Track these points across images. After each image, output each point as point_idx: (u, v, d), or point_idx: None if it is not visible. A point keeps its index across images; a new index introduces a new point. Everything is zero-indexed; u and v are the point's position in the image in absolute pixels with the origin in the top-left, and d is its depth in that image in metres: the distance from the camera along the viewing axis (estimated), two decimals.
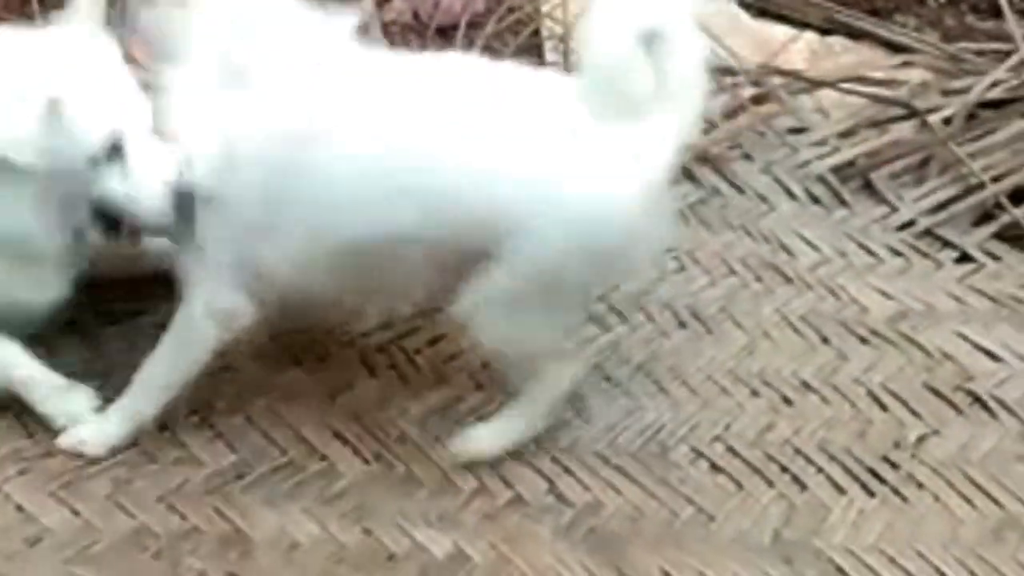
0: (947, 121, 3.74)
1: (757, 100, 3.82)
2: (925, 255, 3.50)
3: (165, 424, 2.97)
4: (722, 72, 3.85)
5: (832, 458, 3.00)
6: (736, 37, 3.95)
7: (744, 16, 4.14)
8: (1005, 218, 3.57)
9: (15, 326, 2.86)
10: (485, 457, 2.90)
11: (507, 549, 2.80)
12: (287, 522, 2.83)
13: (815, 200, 3.60)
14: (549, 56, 3.88)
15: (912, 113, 3.80)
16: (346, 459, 2.93)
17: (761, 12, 4.15)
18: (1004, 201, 3.58)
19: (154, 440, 2.91)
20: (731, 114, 3.74)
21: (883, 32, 4.07)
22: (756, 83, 3.82)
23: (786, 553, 2.84)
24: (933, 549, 2.86)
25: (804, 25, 4.13)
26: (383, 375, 3.05)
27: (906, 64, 3.95)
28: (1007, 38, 3.94)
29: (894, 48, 4.06)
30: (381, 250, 2.74)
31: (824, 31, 4.13)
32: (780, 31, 4.10)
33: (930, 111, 3.81)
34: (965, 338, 3.24)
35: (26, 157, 2.69)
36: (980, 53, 3.95)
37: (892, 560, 2.83)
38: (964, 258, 3.51)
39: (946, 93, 3.83)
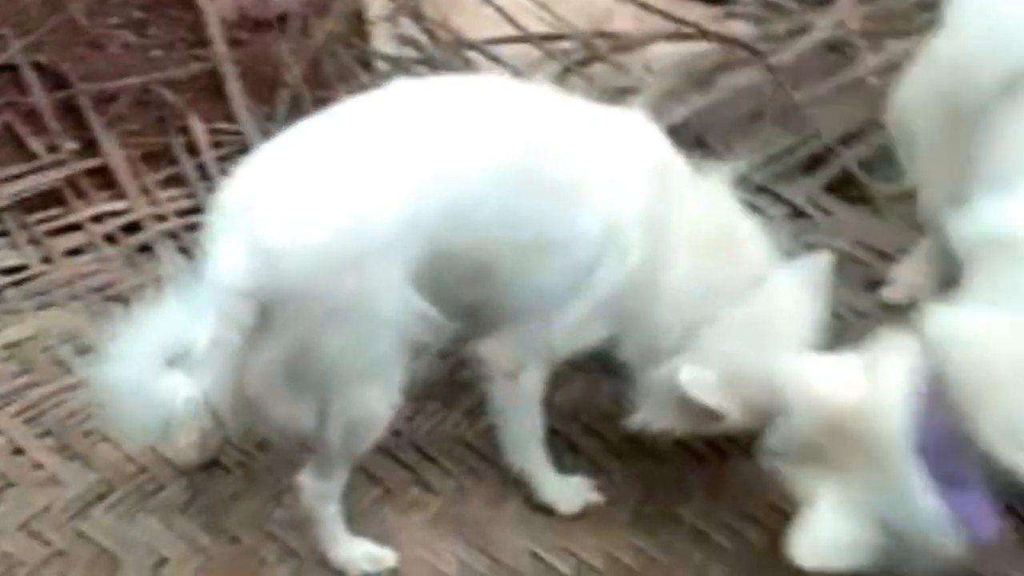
0: (770, 69, 3.77)
1: (586, 65, 3.83)
2: (759, 211, 3.39)
3: (21, 448, 2.99)
4: (551, 39, 3.92)
5: None
6: (563, 5, 3.96)
7: None
8: (836, 167, 3.62)
9: None
10: None
11: (380, 545, 2.83)
12: (152, 538, 2.85)
13: None
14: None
15: (746, 61, 3.81)
16: (206, 470, 2.94)
17: None
18: (837, 148, 3.62)
19: (12, 465, 2.92)
20: (562, 80, 3.74)
21: None
22: (586, 47, 3.84)
23: (649, 525, 2.92)
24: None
25: None
26: None
27: (729, 16, 3.98)
28: None
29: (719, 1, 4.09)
30: None
31: None
32: None
33: (763, 56, 3.83)
34: None
35: None
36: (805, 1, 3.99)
37: (753, 520, 2.91)
38: (797, 213, 3.56)
39: (774, 40, 3.85)
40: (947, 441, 2.47)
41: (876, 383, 2.51)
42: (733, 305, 2.78)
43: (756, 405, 2.72)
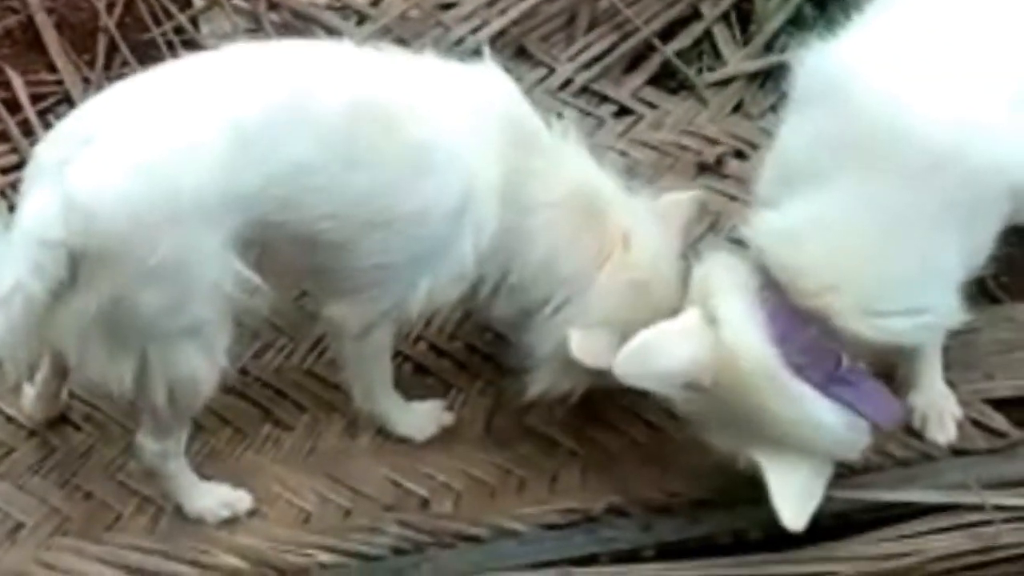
0: None
1: None
2: (587, 113, 3.55)
3: None
4: None
5: None
6: None
7: None
8: (656, 61, 3.64)
9: None
10: None
11: (236, 486, 2.84)
12: (6, 503, 2.82)
13: None
14: None
15: None
16: (55, 427, 2.92)
17: None
18: (656, 41, 3.64)
19: None
20: (377, 2, 3.72)
21: None
22: None
23: (501, 438, 2.95)
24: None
25: None
26: None
27: None
28: None
29: None
30: None
31: None
32: None
33: None
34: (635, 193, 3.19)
35: None
36: None
37: (604, 423, 2.94)
38: (623, 111, 3.58)
39: None
40: (814, 345, 2.51)
41: (723, 329, 2.52)
42: (602, 264, 2.75)
43: None
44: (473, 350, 3.08)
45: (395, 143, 2.62)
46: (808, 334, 2.49)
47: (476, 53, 3.48)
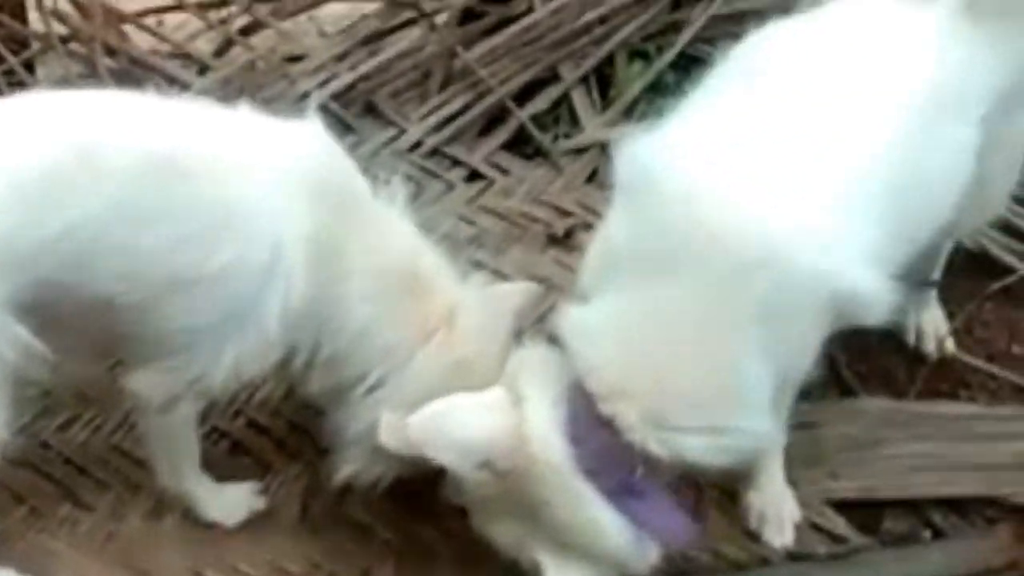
0: (433, 28, 3.64)
1: (249, 33, 3.68)
2: (436, 176, 3.41)
3: None
4: (210, 7, 3.73)
5: None
6: None
7: None
8: (512, 125, 3.49)
9: None
10: None
11: (24, 571, 2.60)
12: None
13: None
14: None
15: (414, 19, 3.69)
16: None
17: None
18: (511, 105, 3.51)
19: None
20: (221, 52, 3.61)
21: None
22: (247, 13, 3.66)
23: (314, 526, 2.75)
24: None
25: None
26: None
27: None
28: None
29: None
30: None
31: None
32: None
33: (432, 13, 3.71)
34: (480, 265, 3.07)
35: None
36: None
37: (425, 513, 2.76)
38: (474, 175, 3.43)
39: None
40: (608, 451, 2.35)
41: (523, 415, 2.36)
42: (423, 342, 2.58)
43: None
44: (294, 428, 2.88)
45: (192, 199, 2.44)
46: (601, 439, 2.32)
47: (323, 109, 3.44)
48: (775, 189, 2.30)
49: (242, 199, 2.46)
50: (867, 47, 2.51)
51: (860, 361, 2.95)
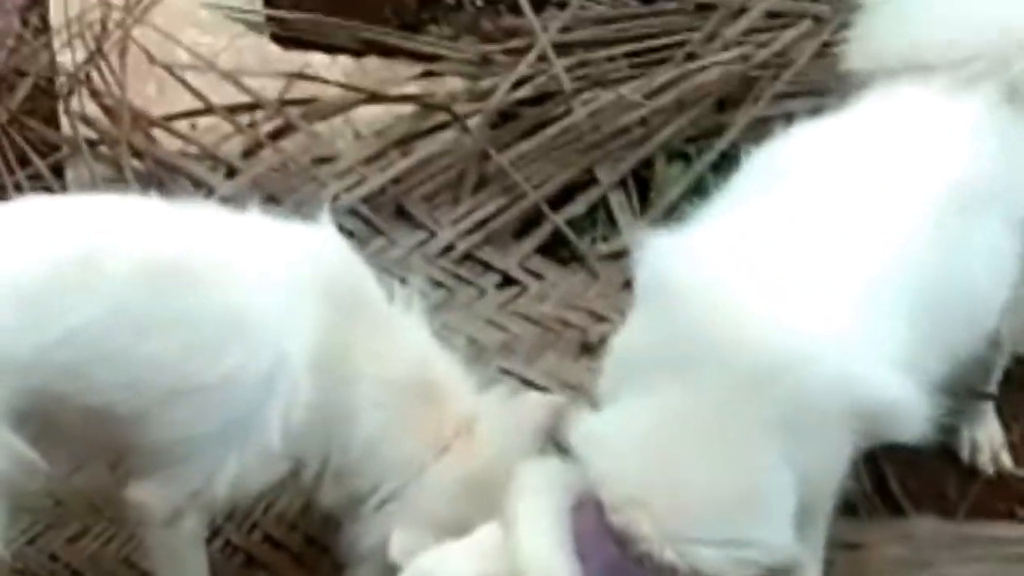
0: (466, 129, 3.51)
1: (279, 136, 3.57)
2: (467, 282, 3.29)
3: None
4: (239, 110, 3.62)
5: None
6: (264, 71, 3.71)
7: (274, 49, 3.87)
8: (547, 228, 3.37)
9: None
10: None
11: None
12: None
13: (350, 234, 3.12)
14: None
15: (447, 122, 3.57)
16: None
17: (293, 42, 3.88)
18: (546, 208, 3.38)
19: None
20: (250, 153, 3.50)
21: (414, 45, 3.82)
22: (277, 116, 3.54)
23: None
24: None
25: (339, 50, 3.86)
26: None
27: (431, 73, 3.72)
28: (530, 32, 3.71)
29: (428, 60, 3.82)
30: None
31: (358, 53, 3.87)
32: (316, 60, 3.83)
33: (466, 116, 3.59)
34: (509, 373, 2.97)
35: None
36: (509, 52, 3.70)
37: None
38: (507, 280, 3.31)
39: (477, 97, 3.60)
40: (619, 564, 2.21)
41: (519, 542, 2.22)
42: (438, 455, 2.48)
43: None
44: (311, 542, 2.75)
45: (195, 306, 2.37)
46: (610, 553, 2.18)
47: (352, 212, 3.38)
48: (798, 290, 2.20)
49: (246, 305, 2.39)
50: (898, 142, 2.42)
51: (910, 476, 2.80)
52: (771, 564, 2.21)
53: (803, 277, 2.22)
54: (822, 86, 3.34)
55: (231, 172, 3.49)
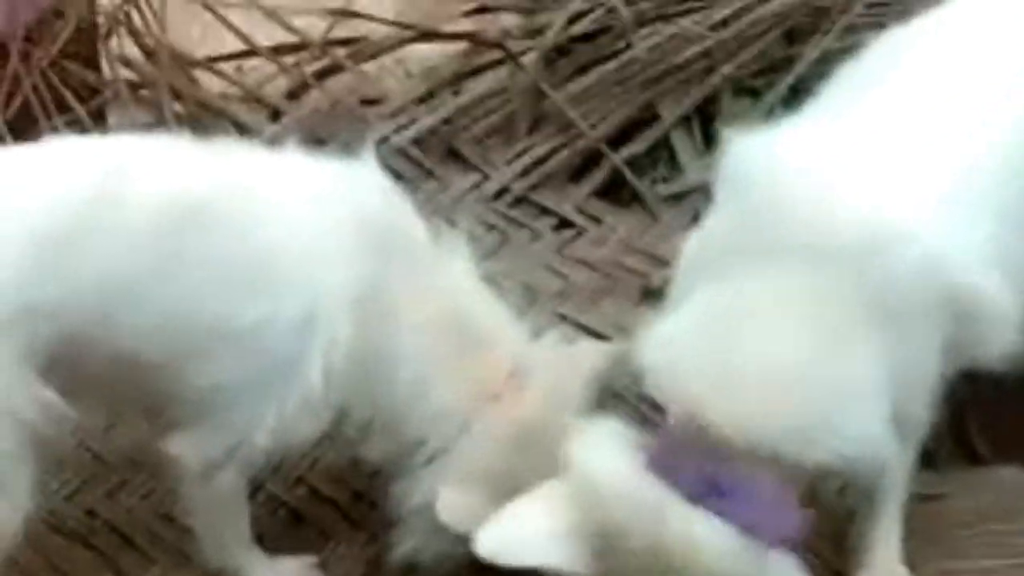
0: (519, 67, 3.38)
1: (325, 76, 3.46)
2: (522, 225, 3.16)
3: None
4: (284, 51, 3.52)
5: None
6: (310, 9, 3.57)
7: None
8: (605, 169, 3.23)
9: None
10: None
11: None
12: None
13: (399, 176, 3.01)
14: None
15: (501, 59, 3.45)
16: None
17: None
18: (604, 148, 3.24)
19: None
20: (295, 95, 3.40)
21: None
22: (323, 56, 3.43)
23: None
24: None
25: None
26: None
27: (483, 9, 3.61)
28: None
29: None
30: None
31: None
32: (363, 2, 3.69)
33: (520, 53, 3.45)
34: (565, 318, 2.84)
35: None
36: None
37: None
38: (563, 224, 3.16)
39: (531, 33, 3.47)
40: (709, 468, 2.08)
41: (597, 485, 2.11)
42: (485, 407, 2.34)
43: None
44: (359, 497, 2.62)
45: (222, 247, 2.25)
46: (694, 461, 2.06)
47: (402, 153, 3.25)
48: (888, 179, 2.12)
49: (277, 247, 2.27)
50: (994, 34, 2.31)
51: (992, 424, 2.62)
52: (856, 457, 2.07)
53: (893, 168, 2.13)
54: (896, 16, 3.21)
55: (276, 114, 3.39)
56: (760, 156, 2.19)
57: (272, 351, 2.27)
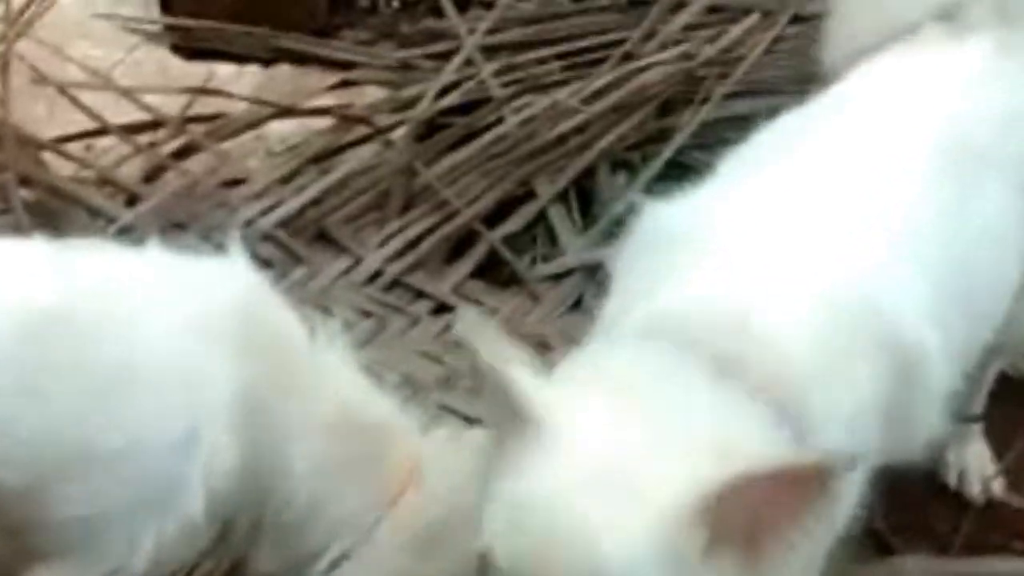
0: (388, 144, 3.26)
1: (183, 156, 3.27)
2: (397, 310, 3.00)
3: None
4: (138, 130, 3.31)
5: None
6: (165, 87, 3.43)
7: (176, 61, 3.62)
8: (482, 249, 3.11)
9: None
10: None
11: None
12: None
13: (266, 263, 2.94)
14: None
15: (368, 136, 3.31)
16: None
17: (196, 53, 3.63)
18: (480, 227, 3.12)
19: None
20: (151, 177, 3.19)
21: (327, 52, 3.58)
22: (178, 134, 3.25)
23: None
24: None
25: (246, 60, 3.62)
26: None
27: (347, 83, 3.47)
28: (454, 35, 3.47)
29: (344, 68, 3.57)
30: None
31: (267, 63, 3.63)
32: (222, 72, 3.59)
33: (389, 128, 3.34)
34: (451, 410, 2.67)
35: None
36: (431, 57, 3.47)
37: None
38: (441, 307, 3.02)
39: (400, 107, 3.34)
40: None
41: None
42: (388, 507, 2.20)
43: None
44: None
45: (85, 362, 2.04)
46: None
47: (268, 238, 3.07)
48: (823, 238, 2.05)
49: (147, 358, 2.07)
50: (892, 105, 2.24)
51: (897, 511, 2.55)
52: None
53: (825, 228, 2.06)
54: (775, 84, 3.14)
55: (132, 199, 3.18)
56: (687, 214, 2.09)
57: (147, 474, 2.08)
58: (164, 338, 2.07)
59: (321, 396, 2.17)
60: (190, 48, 3.63)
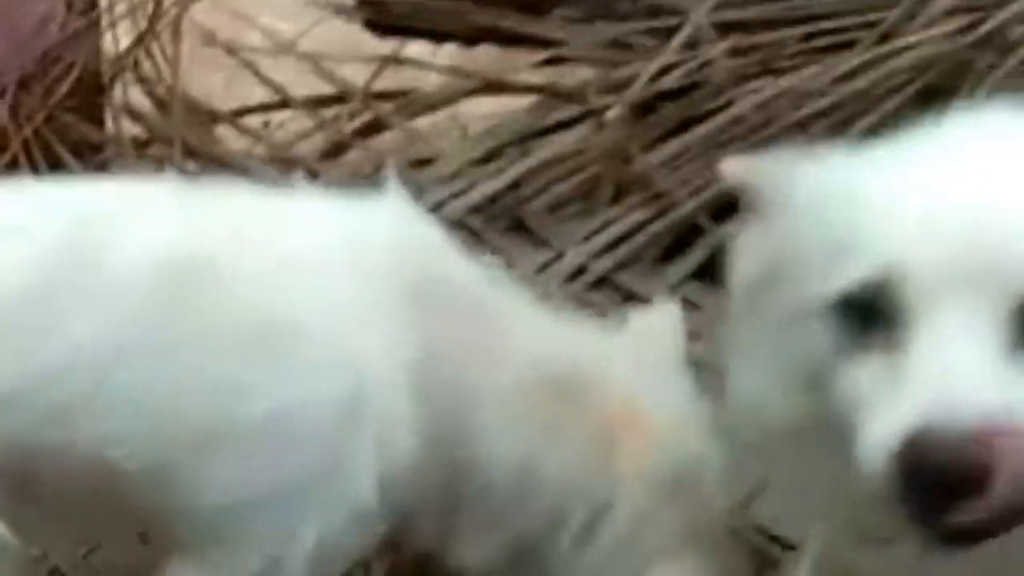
0: (601, 126, 2.94)
1: (368, 133, 3.06)
2: (603, 312, 2.70)
3: None
4: (321, 104, 3.12)
5: None
6: (352, 57, 3.22)
7: (366, 37, 3.38)
8: (702, 249, 2.78)
9: None
10: None
11: None
12: None
13: None
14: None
15: (578, 116, 3.02)
16: None
17: (390, 31, 3.37)
18: (704, 221, 2.79)
19: None
20: (332, 154, 2.97)
21: (534, 30, 3.27)
22: (364, 109, 3.03)
23: None
24: None
25: (446, 37, 3.37)
26: None
27: (555, 60, 3.18)
28: (677, 11, 3.12)
29: (549, 46, 3.27)
30: None
31: (468, 42, 3.37)
32: (415, 49, 3.34)
33: (601, 110, 3.01)
34: None
35: None
36: (651, 32, 3.14)
37: None
38: None
39: (611, 89, 3.03)
40: None
41: None
42: (620, 463, 1.91)
43: None
44: None
45: (225, 317, 1.80)
46: None
47: (458, 224, 2.75)
48: None
49: (299, 312, 1.81)
50: None
51: None
52: None
53: None
54: None
55: (309, 176, 2.89)
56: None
57: (303, 452, 1.81)
58: (319, 289, 1.81)
59: (510, 351, 1.89)
60: (385, 25, 3.36)
